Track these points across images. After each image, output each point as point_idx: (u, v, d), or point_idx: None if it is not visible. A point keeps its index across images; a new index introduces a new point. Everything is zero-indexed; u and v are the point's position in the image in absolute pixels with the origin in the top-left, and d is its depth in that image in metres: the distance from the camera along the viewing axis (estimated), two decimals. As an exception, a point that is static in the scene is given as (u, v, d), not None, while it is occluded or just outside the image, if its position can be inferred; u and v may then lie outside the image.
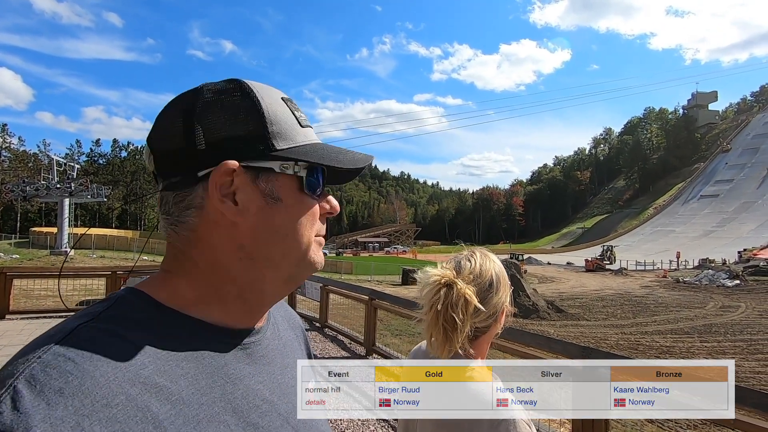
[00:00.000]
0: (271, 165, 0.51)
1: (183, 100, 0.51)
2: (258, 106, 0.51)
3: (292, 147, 0.52)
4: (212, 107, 0.50)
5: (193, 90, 0.52)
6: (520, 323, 15.37)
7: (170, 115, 0.51)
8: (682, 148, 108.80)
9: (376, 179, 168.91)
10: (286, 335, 0.65)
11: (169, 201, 0.51)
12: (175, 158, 0.50)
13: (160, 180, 0.52)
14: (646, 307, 20.25)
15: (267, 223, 0.51)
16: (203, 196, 0.49)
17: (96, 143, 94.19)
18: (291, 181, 0.52)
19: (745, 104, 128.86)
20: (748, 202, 76.79)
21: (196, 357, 0.47)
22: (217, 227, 0.50)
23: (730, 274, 29.39)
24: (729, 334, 14.24)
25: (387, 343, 7.82)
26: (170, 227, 0.51)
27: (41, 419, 0.34)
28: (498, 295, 1.03)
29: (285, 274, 0.54)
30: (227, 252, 0.51)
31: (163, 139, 0.50)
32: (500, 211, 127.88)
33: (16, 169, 63.67)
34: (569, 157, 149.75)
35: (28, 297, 10.77)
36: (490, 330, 1.04)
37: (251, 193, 0.50)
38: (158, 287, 0.50)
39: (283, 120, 0.52)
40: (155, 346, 0.44)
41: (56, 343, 0.40)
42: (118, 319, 0.44)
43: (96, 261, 32.77)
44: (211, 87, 0.52)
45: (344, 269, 39.29)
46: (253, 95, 0.51)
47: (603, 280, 33.74)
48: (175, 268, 0.52)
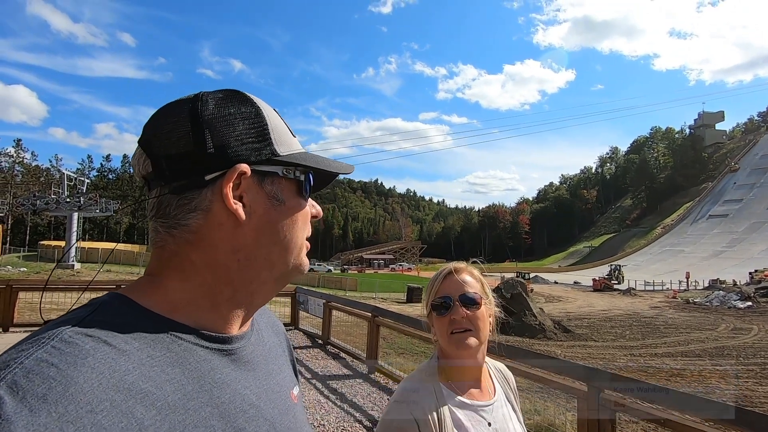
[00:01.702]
0: (276, 169, 0.54)
1: (184, 106, 0.52)
2: (261, 114, 0.54)
3: (291, 153, 0.56)
4: (219, 112, 0.52)
5: (192, 96, 0.53)
6: (526, 343, 15.11)
7: (174, 119, 0.51)
8: (689, 168, 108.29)
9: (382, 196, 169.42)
10: (270, 341, 0.66)
11: (171, 204, 0.51)
12: (181, 162, 0.50)
13: (158, 184, 0.51)
14: (656, 329, 19.83)
15: (270, 224, 0.54)
16: (211, 198, 0.50)
17: (106, 159, 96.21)
18: (291, 184, 0.56)
19: (753, 124, 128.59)
20: (758, 222, 75.78)
21: (182, 362, 0.47)
22: (220, 228, 0.51)
23: (741, 295, 28.79)
24: (742, 357, 13.87)
25: (390, 362, 7.70)
26: (166, 230, 0.51)
27: (24, 426, 0.34)
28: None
29: (278, 273, 0.56)
30: (227, 252, 0.52)
31: (166, 142, 0.51)
32: (506, 229, 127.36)
33: (28, 184, 64.75)
34: (575, 175, 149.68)
35: (33, 310, 10.78)
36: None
37: (258, 195, 0.53)
38: (143, 292, 0.50)
39: (280, 128, 0.57)
40: (140, 351, 0.44)
41: (38, 349, 0.39)
42: (102, 325, 0.44)
43: (102, 275, 32.88)
44: (212, 94, 0.54)
45: (349, 286, 39.04)
46: (254, 103, 0.55)
47: (611, 300, 33.19)
48: (166, 272, 0.52)
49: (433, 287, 1.14)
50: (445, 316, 1.09)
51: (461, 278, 1.12)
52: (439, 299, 1.11)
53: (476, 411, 1.05)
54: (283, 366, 0.66)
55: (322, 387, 5.53)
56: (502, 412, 1.09)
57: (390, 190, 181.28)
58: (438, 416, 1.00)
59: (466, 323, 1.07)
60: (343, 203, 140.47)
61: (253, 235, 0.53)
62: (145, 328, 0.46)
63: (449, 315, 1.08)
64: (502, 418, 1.08)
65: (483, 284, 1.15)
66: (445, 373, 1.09)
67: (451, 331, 1.08)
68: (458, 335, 1.07)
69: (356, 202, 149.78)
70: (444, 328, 1.09)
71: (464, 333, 1.07)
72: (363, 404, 5.00)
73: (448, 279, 1.13)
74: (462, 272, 1.14)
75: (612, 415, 2.82)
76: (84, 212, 38.85)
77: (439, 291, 1.12)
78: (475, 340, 1.07)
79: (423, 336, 5.25)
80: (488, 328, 1.11)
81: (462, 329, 1.07)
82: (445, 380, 1.08)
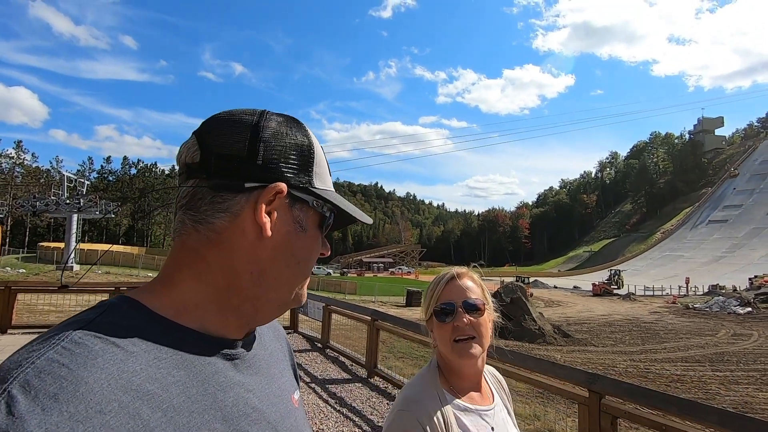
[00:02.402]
0: (309, 198, 0.56)
1: (249, 116, 0.55)
2: (312, 148, 0.58)
3: (324, 189, 0.59)
4: (277, 133, 0.55)
5: (258, 111, 0.56)
6: (525, 348, 15.08)
7: (237, 125, 0.54)
8: (689, 173, 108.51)
9: (381, 199, 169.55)
10: (272, 345, 0.67)
11: (204, 198, 0.52)
12: (229, 163, 0.52)
13: (199, 175, 0.53)
14: (656, 334, 19.79)
15: (288, 246, 0.55)
16: (243, 205, 0.52)
17: (107, 160, 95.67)
18: (316, 217, 0.58)
19: (752, 130, 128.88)
20: (758, 228, 75.83)
21: (187, 365, 0.48)
22: (243, 236, 0.53)
23: (741, 301, 28.77)
24: (742, 363, 13.84)
25: (390, 366, 7.68)
26: (192, 224, 0.53)
27: (37, 424, 0.34)
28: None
29: (282, 298, 0.58)
30: (243, 261, 0.53)
31: (223, 142, 0.53)
32: (506, 234, 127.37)
33: (28, 185, 64.72)
34: (575, 180, 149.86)
35: (32, 312, 10.76)
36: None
37: (285, 217, 0.55)
38: (151, 295, 0.51)
39: (322, 164, 0.60)
40: (147, 353, 0.45)
41: (49, 349, 0.40)
42: (110, 327, 0.45)
43: (101, 277, 32.82)
44: (276, 115, 0.57)
45: (348, 289, 38.99)
46: (309, 135, 0.59)
47: (610, 305, 33.13)
48: (182, 270, 0.53)
49: (434, 292, 1.11)
50: (448, 324, 1.06)
51: (463, 284, 1.10)
52: (441, 306, 1.08)
53: (480, 415, 1.04)
54: (284, 370, 0.67)
55: (321, 391, 5.51)
56: (502, 417, 1.09)
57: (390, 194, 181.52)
58: (444, 421, 0.98)
59: (470, 330, 1.05)
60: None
61: (270, 252, 0.54)
62: (153, 330, 0.47)
63: (452, 322, 1.06)
64: (502, 422, 1.07)
65: (483, 289, 1.13)
66: (446, 378, 1.08)
67: (454, 338, 1.05)
68: (462, 344, 1.05)
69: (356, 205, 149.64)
70: (446, 336, 1.06)
71: (468, 341, 1.05)
72: (362, 408, 4.98)
73: (451, 284, 1.10)
74: (464, 277, 1.11)
75: (613, 421, 2.81)
76: (84, 214, 38.82)
77: (441, 297, 1.09)
78: (479, 348, 1.05)
79: (422, 340, 5.23)
80: (490, 333, 1.10)
81: (466, 336, 1.05)
82: (447, 385, 1.07)
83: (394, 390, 5.61)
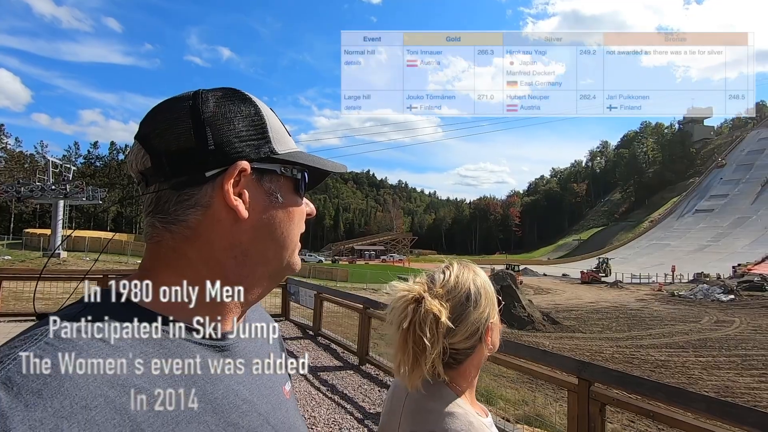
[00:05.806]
0: (274, 167, 0.55)
1: (184, 103, 0.52)
2: (260, 114, 0.55)
3: (288, 152, 0.57)
4: (219, 110, 0.52)
5: (192, 93, 0.53)
6: (515, 335, 15.32)
7: (173, 116, 0.51)
8: (677, 163, 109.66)
9: (373, 187, 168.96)
10: (262, 336, 0.66)
11: (170, 200, 0.51)
12: (181, 158, 0.50)
13: (156, 180, 0.51)
14: (642, 321, 20.23)
15: (268, 221, 0.54)
16: (211, 194, 0.51)
17: (94, 146, 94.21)
18: (288, 182, 0.57)
19: (740, 121, 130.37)
20: (742, 218, 77.24)
21: (174, 358, 0.47)
22: (219, 224, 0.51)
23: (724, 288, 29.44)
24: (724, 349, 14.23)
25: (381, 353, 7.73)
26: (163, 225, 0.51)
27: (20, 420, 0.34)
28: (478, 311, 0.87)
29: (272, 270, 0.57)
30: (224, 248, 0.52)
31: (168, 139, 0.50)
32: (497, 222, 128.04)
33: (12, 170, 63.31)
34: (566, 169, 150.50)
35: (18, 299, 10.60)
36: (476, 353, 0.89)
37: (257, 193, 0.53)
38: (136, 288, 0.50)
39: (277, 127, 0.57)
40: (133, 347, 0.44)
41: (32, 345, 0.39)
42: (95, 321, 0.44)
43: (89, 264, 32.44)
44: (212, 92, 0.54)
45: (339, 277, 39.09)
46: (253, 102, 0.55)
47: (598, 293, 33.72)
48: (160, 268, 0.52)
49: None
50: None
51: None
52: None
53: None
54: (275, 361, 0.65)
55: (313, 378, 5.53)
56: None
57: (382, 181, 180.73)
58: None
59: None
60: (334, 194, 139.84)
61: (250, 232, 0.53)
62: (138, 324, 0.46)
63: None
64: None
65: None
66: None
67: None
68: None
69: (348, 192, 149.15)
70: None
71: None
72: (354, 396, 5.01)
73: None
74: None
75: (602, 408, 2.85)
76: (70, 200, 38.19)
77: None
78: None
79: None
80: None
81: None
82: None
83: (385, 377, 5.66)
